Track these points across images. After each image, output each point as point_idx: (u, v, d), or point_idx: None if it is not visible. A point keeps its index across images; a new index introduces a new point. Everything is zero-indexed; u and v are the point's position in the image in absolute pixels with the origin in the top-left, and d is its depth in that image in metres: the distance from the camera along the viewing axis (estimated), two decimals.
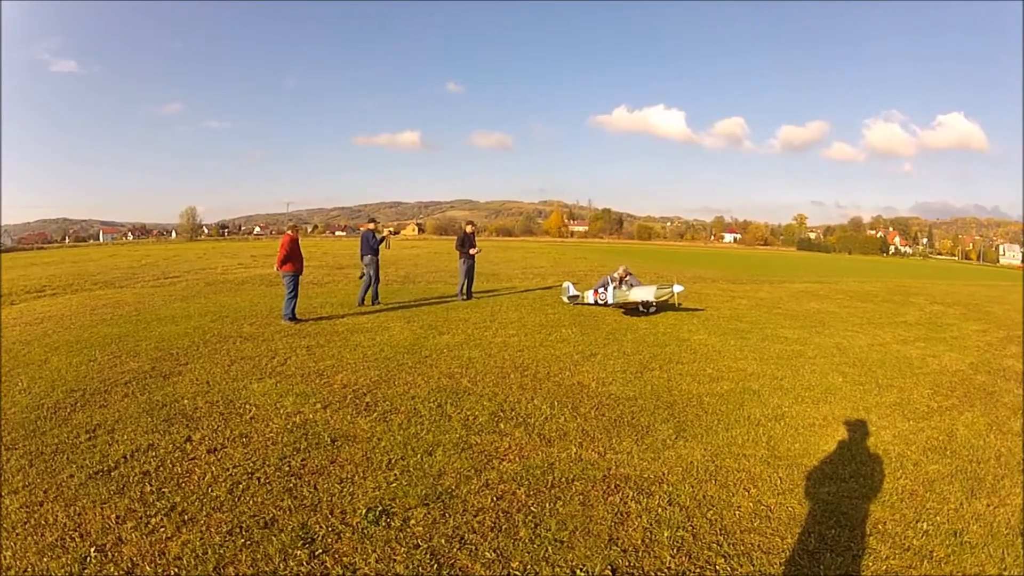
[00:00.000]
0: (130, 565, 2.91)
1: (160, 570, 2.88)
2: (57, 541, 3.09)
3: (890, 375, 7.11)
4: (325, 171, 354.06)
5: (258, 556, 3.01)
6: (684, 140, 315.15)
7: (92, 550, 3.01)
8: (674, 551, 3.17)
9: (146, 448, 4.27)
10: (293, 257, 9.49)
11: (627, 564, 3.05)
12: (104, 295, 12.94)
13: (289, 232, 9.81)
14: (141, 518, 3.33)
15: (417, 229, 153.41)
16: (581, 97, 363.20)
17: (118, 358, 6.85)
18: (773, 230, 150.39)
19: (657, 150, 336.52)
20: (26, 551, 3.00)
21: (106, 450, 4.22)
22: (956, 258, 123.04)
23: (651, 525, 3.41)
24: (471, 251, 12.18)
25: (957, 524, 3.57)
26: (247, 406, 5.22)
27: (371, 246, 11.19)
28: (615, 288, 11.09)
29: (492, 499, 3.67)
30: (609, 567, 3.01)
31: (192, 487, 3.71)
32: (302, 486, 3.76)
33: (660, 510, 3.59)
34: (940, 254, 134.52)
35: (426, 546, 3.14)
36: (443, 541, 3.19)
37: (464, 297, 12.27)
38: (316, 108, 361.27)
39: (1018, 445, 4.90)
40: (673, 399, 5.79)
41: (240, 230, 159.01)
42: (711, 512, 3.59)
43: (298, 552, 3.05)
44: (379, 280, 11.54)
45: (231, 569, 2.91)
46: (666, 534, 3.33)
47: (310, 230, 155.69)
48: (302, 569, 2.92)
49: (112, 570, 2.88)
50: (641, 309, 10.99)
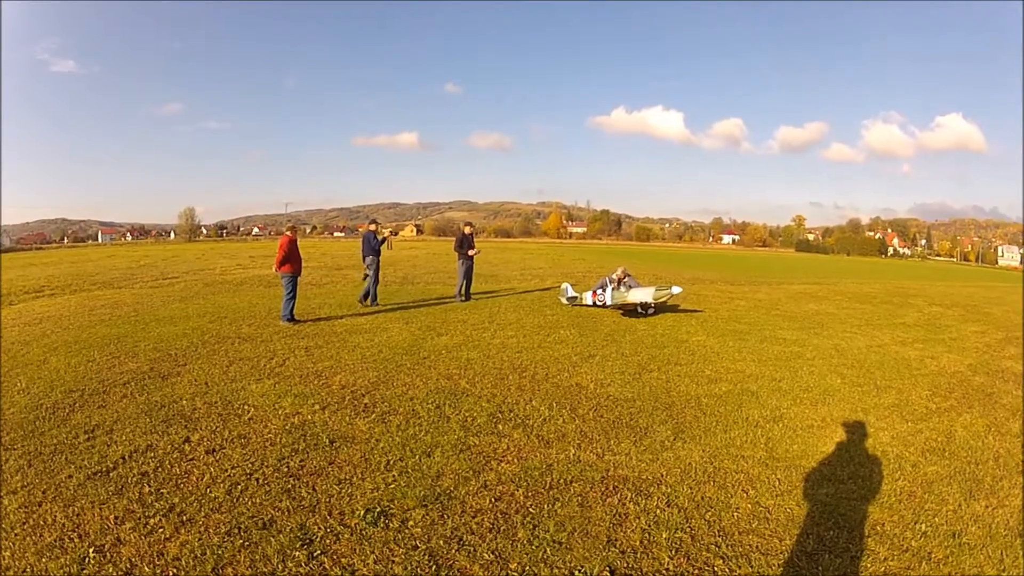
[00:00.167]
0: (129, 566, 2.91)
1: (159, 571, 2.88)
2: (56, 541, 3.09)
3: (888, 376, 7.12)
4: (324, 172, 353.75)
5: (256, 557, 3.01)
6: (683, 141, 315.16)
7: (91, 551, 3.01)
8: (672, 552, 3.18)
9: (144, 449, 4.27)
10: (291, 258, 9.49)
11: (625, 565, 3.05)
12: (103, 295, 12.94)
13: (288, 233, 9.81)
14: (140, 519, 3.33)
15: (415, 230, 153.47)
16: (580, 98, 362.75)
17: (117, 359, 6.84)
18: (772, 231, 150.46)
19: (656, 151, 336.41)
20: (25, 551, 3.00)
21: (104, 451, 4.22)
22: (955, 259, 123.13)
23: (649, 526, 3.42)
24: (470, 252, 12.19)
25: (956, 525, 3.58)
26: (245, 407, 5.22)
27: (372, 247, 11.26)
28: (613, 289, 11.10)
29: (490, 500, 3.67)
30: (607, 568, 3.01)
31: (190, 488, 3.71)
32: (300, 487, 3.76)
33: (658, 511, 3.59)
34: (939, 255, 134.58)
35: (424, 547, 3.14)
36: (441, 542, 3.19)
37: (463, 298, 12.28)
38: (315, 108, 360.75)
39: (1017, 446, 4.91)
40: (671, 400, 5.80)
41: (239, 231, 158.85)
42: (709, 513, 3.60)
43: (296, 553, 3.05)
44: (378, 281, 11.56)
45: (230, 570, 2.91)
46: (664, 535, 3.33)
47: (308, 231, 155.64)
48: (300, 570, 2.92)
49: (111, 571, 2.87)
50: (640, 310, 11.00)
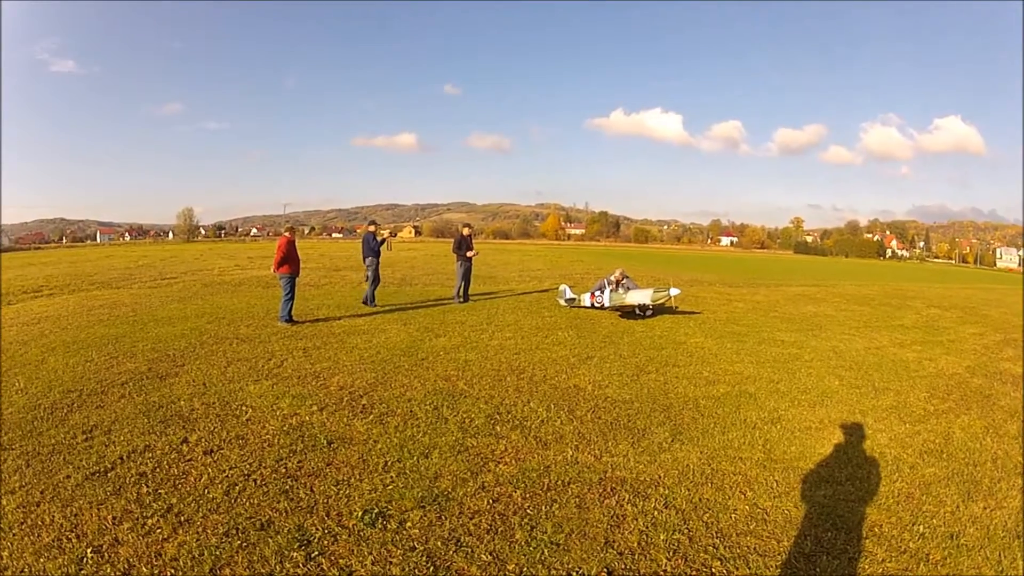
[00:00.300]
0: (127, 566, 2.91)
1: (156, 571, 2.88)
2: (54, 542, 3.09)
3: (887, 378, 7.13)
4: (323, 172, 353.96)
5: (254, 558, 3.01)
6: (681, 143, 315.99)
7: (89, 551, 3.01)
8: (670, 554, 3.18)
9: (143, 449, 4.26)
10: (290, 259, 9.49)
11: (623, 567, 3.05)
12: (101, 296, 12.92)
13: (286, 234, 9.81)
14: (138, 519, 3.32)
15: (414, 231, 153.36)
16: (578, 99, 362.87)
17: (115, 359, 6.84)
18: (770, 233, 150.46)
19: (654, 153, 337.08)
20: (23, 551, 3.00)
21: (103, 451, 4.21)
22: (953, 261, 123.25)
23: (647, 528, 3.42)
24: (468, 254, 12.19)
25: (954, 527, 3.58)
26: (243, 408, 5.22)
27: (372, 248, 11.30)
28: (612, 291, 11.11)
29: (488, 502, 3.67)
30: (605, 570, 3.01)
31: (188, 488, 3.71)
32: (298, 488, 3.76)
33: (656, 513, 3.59)
34: (937, 257, 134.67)
35: (422, 548, 3.14)
36: (439, 543, 3.19)
37: (461, 300, 12.27)
38: (314, 109, 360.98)
39: (1014, 448, 4.93)
40: (669, 402, 5.80)
41: (237, 231, 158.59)
42: (707, 515, 3.60)
43: (294, 554, 3.05)
44: (378, 282, 11.58)
45: (227, 571, 2.91)
46: (662, 537, 3.33)
47: (307, 232, 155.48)
48: (298, 571, 2.92)
49: (109, 571, 2.87)
50: (638, 312, 11.00)
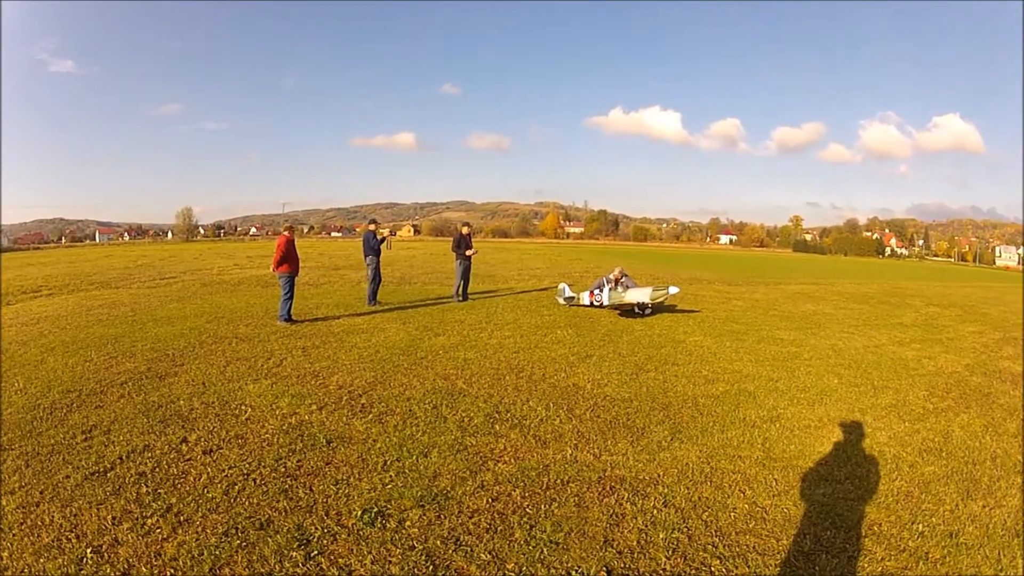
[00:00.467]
0: (126, 566, 2.91)
1: (156, 571, 2.88)
2: (53, 542, 3.09)
3: (886, 377, 7.13)
4: (322, 172, 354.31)
5: (254, 557, 3.01)
6: (680, 142, 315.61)
7: (88, 551, 3.01)
8: (669, 553, 3.18)
9: (142, 449, 4.26)
10: (289, 258, 9.48)
11: (622, 566, 3.05)
12: (100, 296, 12.91)
13: (285, 233, 9.80)
14: (137, 519, 3.32)
15: (413, 230, 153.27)
16: (577, 98, 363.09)
17: (114, 359, 6.83)
18: (769, 232, 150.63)
19: (653, 152, 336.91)
20: (23, 552, 3.00)
21: (102, 451, 4.21)
22: (952, 260, 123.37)
23: (646, 527, 3.42)
24: (467, 252, 12.19)
25: (953, 525, 3.58)
26: (243, 407, 5.21)
27: (372, 247, 11.34)
28: (611, 290, 11.11)
29: (487, 500, 3.67)
30: (604, 569, 3.01)
31: (188, 488, 3.71)
32: (298, 487, 3.76)
33: (655, 512, 3.60)
34: (936, 256, 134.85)
35: (421, 547, 3.14)
36: (438, 543, 3.20)
37: (460, 298, 12.28)
38: (313, 108, 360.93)
39: (1014, 446, 4.93)
40: (668, 401, 5.80)
41: (236, 231, 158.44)
42: (706, 514, 3.60)
43: (294, 553, 3.05)
44: (379, 281, 11.60)
45: (227, 570, 2.91)
46: (661, 536, 3.33)
47: (306, 231, 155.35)
48: (298, 570, 2.92)
49: (108, 571, 2.87)
50: (637, 311, 11.01)
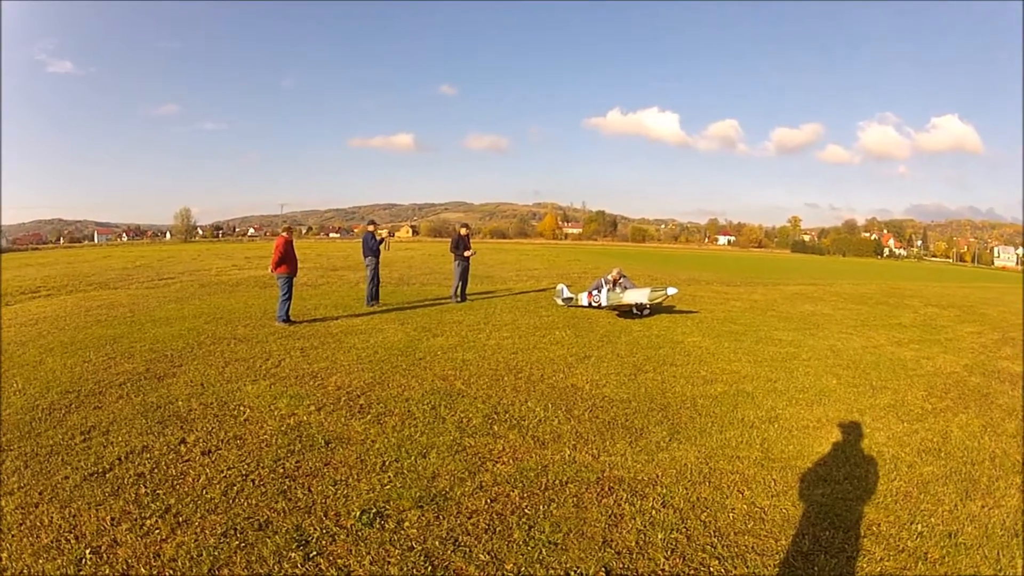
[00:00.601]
0: (125, 567, 2.90)
1: (155, 572, 2.88)
2: (53, 543, 3.09)
3: (884, 377, 7.14)
4: (320, 172, 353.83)
5: (253, 558, 3.01)
6: (678, 143, 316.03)
7: (87, 552, 3.01)
8: (668, 553, 3.19)
9: (141, 450, 4.26)
10: (287, 259, 9.48)
11: (621, 566, 3.06)
12: (99, 296, 12.90)
13: (283, 234, 9.79)
14: (136, 520, 3.32)
15: (411, 231, 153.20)
16: (575, 99, 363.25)
17: (113, 359, 6.83)
18: (767, 232, 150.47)
19: (651, 152, 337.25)
20: (22, 552, 3.00)
21: (101, 452, 4.21)
22: (951, 260, 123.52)
23: (645, 527, 3.43)
24: (466, 253, 12.19)
25: (952, 526, 3.59)
26: (241, 408, 5.21)
27: (371, 247, 11.38)
28: (609, 290, 11.11)
29: (486, 501, 3.67)
30: (603, 569, 3.02)
31: (187, 489, 3.71)
32: (296, 488, 3.76)
33: (654, 512, 3.60)
34: (935, 256, 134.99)
35: (420, 548, 3.14)
36: (437, 543, 3.20)
37: (458, 299, 12.27)
38: (311, 109, 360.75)
39: (1013, 446, 4.94)
40: (667, 401, 5.81)
41: (234, 231, 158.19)
42: (705, 514, 3.61)
43: (292, 554, 3.05)
44: (378, 281, 11.61)
45: (226, 571, 2.91)
46: (660, 536, 3.34)
47: (304, 232, 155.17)
48: (296, 571, 2.92)
49: (107, 572, 2.87)
50: (635, 311, 11.01)
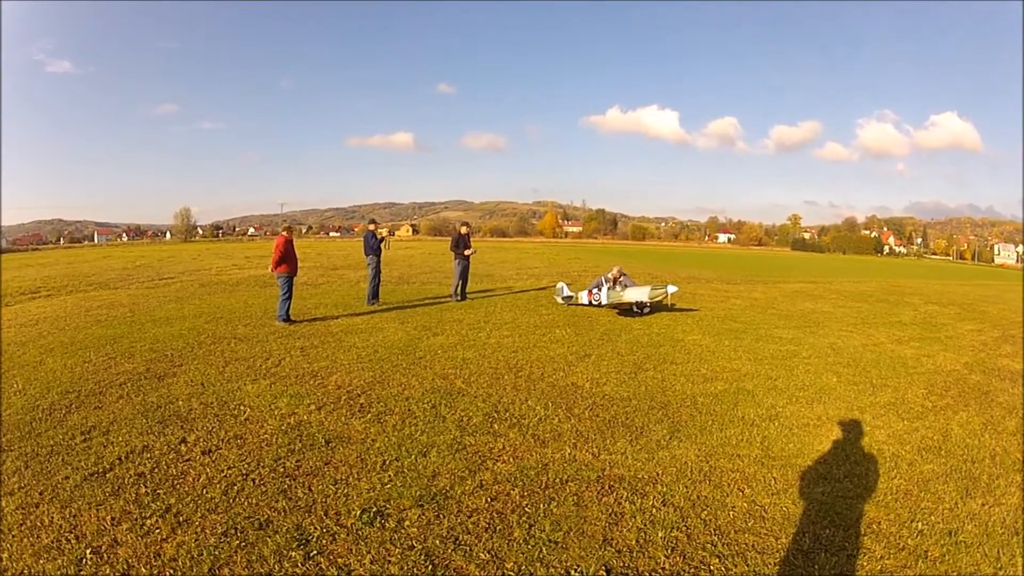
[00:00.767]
0: (125, 567, 2.91)
1: (155, 572, 2.88)
2: (53, 543, 3.09)
3: (884, 375, 7.14)
4: (320, 172, 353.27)
5: (253, 557, 3.01)
6: (678, 141, 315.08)
7: (88, 552, 3.01)
8: (668, 551, 3.19)
9: (141, 450, 4.26)
10: (287, 258, 9.48)
11: (621, 564, 3.06)
12: (99, 296, 12.90)
13: (283, 233, 9.79)
14: (136, 520, 3.32)
15: (411, 230, 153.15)
16: (574, 98, 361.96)
17: (113, 359, 6.83)
18: (767, 230, 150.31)
19: (651, 151, 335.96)
20: (22, 553, 3.00)
21: (101, 452, 4.21)
22: (951, 258, 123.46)
23: (645, 525, 3.43)
24: (466, 252, 12.20)
25: (952, 524, 3.59)
26: (241, 407, 5.21)
27: (372, 246, 11.42)
28: (609, 289, 11.11)
29: (486, 500, 3.67)
30: (603, 567, 3.02)
31: (187, 488, 3.71)
32: (296, 487, 3.76)
33: (654, 510, 3.60)
34: (935, 254, 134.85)
35: (420, 547, 3.14)
36: (437, 542, 3.20)
37: (458, 298, 12.28)
38: (310, 109, 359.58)
39: (1013, 444, 4.93)
40: (667, 399, 5.81)
41: (234, 231, 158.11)
42: (705, 512, 3.61)
43: (293, 553, 3.05)
44: (379, 280, 11.63)
45: (226, 570, 2.91)
46: (660, 534, 3.34)
47: (304, 231, 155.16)
48: (297, 570, 2.93)
49: (108, 572, 2.87)
50: (635, 310, 11.01)
